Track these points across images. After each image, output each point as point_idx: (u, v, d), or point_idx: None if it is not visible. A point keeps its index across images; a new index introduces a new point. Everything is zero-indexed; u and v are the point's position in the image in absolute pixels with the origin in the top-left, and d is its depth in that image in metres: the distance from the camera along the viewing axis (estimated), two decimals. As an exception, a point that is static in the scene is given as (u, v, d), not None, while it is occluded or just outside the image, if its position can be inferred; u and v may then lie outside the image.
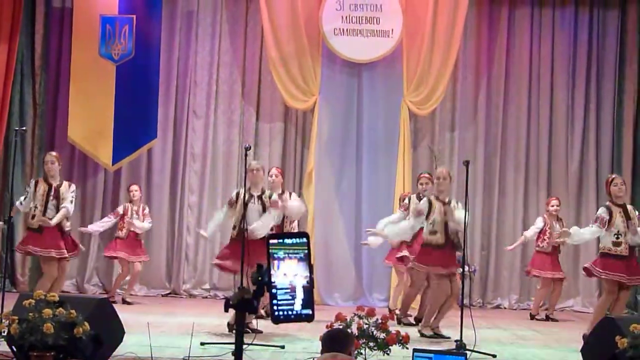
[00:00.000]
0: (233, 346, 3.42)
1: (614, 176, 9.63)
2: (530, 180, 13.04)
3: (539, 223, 11.64)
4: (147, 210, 11.86)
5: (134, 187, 11.83)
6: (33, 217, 9.40)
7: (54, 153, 9.82)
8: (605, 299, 9.06)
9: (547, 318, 11.45)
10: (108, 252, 11.73)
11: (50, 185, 9.44)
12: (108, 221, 11.70)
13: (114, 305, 7.42)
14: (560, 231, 10.37)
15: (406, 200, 10.29)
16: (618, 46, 13.00)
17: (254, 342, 7.13)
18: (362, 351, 6.84)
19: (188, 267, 12.89)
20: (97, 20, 12.34)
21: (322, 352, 4.56)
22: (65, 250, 9.41)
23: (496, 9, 13.14)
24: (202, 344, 7.62)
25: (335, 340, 4.59)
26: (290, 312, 3.23)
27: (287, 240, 3.26)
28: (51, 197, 9.45)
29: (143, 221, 11.66)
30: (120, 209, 11.71)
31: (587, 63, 13.07)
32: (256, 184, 9.03)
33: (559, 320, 11.42)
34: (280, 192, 9.88)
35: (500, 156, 13.03)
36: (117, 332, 6.85)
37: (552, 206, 11.63)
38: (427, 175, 10.43)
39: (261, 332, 8.27)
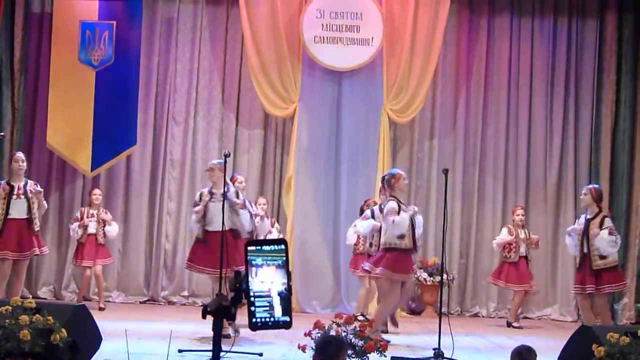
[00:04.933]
0: (211, 353, 3.42)
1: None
2: (509, 188, 13.08)
3: (503, 234, 11.67)
4: (108, 214, 11.79)
5: (98, 191, 11.85)
6: None
7: (22, 153, 10.28)
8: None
9: (508, 324, 11.50)
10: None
11: (12, 186, 9.66)
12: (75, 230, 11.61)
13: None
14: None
15: (367, 212, 10.12)
16: (596, 55, 13.06)
17: (231, 350, 7.12)
18: (340, 359, 6.84)
19: (166, 274, 12.85)
20: (76, 25, 12.30)
21: (314, 358, 4.60)
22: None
23: (476, 18, 13.19)
24: (180, 351, 7.61)
25: (328, 346, 4.61)
26: (268, 319, 3.23)
27: (265, 247, 3.27)
28: (15, 197, 9.66)
29: (104, 226, 11.62)
30: (77, 214, 11.66)
31: (566, 72, 13.13)
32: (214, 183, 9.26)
33: (525, 328, 11.46)
34: None
35: (479, 164, 13.08)
36: (94, 339, 6.82)
37: (518, 215, 11.74)
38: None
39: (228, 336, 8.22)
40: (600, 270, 9.55)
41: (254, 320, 3.22)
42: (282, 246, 3.29)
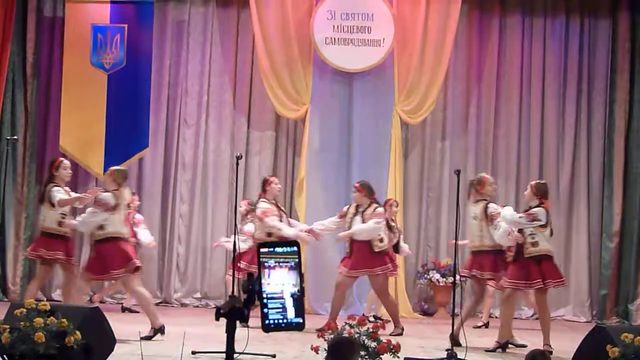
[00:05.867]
0: (224, 355, 3.42)
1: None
2: (521, 189, 13.01)
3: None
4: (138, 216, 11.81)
5: (135, 197, 11.86)
6: (60, 223, 9.39)
7: None
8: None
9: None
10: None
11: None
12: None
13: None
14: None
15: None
16: (609, 55, 13.02)
17: (244, 352, 7.12)
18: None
19: (179, 276, 12.86)
20: (88, 29, 12.34)
21: (325, 359, 4.60)
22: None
23: (487, 18, 13.16)
24: (193, 352, 7.62)
25: (340, 348, 4.62)
26: (281, 321, 3.24)
27: (278, 249, 3.27)
28: None
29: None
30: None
31: (578, 72, 13.09)
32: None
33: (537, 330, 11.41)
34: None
35: (491, 165, 13.05)
36: (108, 341, 6.84)
37: None
38: (357, 185, 10.42)
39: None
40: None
41: (267, 321, 3.22)
42: (295, 248, 3.30)
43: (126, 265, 8.84)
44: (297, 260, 3.28)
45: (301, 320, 3.27)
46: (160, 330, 8.80)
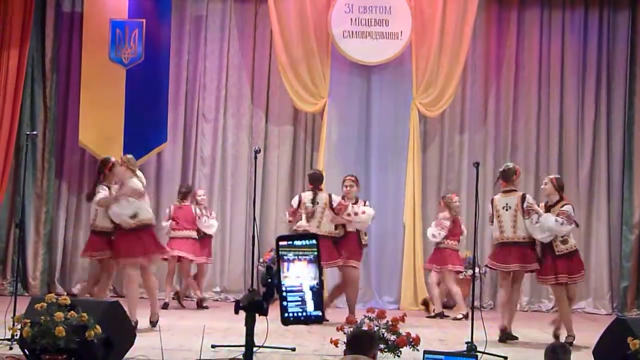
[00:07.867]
0: (244, 348, 3.43)
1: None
2: (540, 182, 12.96)
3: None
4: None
5: (202, 191, 12.04)
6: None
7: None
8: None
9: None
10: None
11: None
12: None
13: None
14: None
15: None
16: (628, 47, 12.95)
17: (264, 345, 7.14)
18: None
19: (198, 270, 12.88)
20: (107, 24, 12.38)
21: (345, 353, 4.60)
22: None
23: (505, 11, 13.11)
24: (213, 346, 7.64)
25: (359, 341, 4.61)
26: (300, 314, 3.24)
27: (297, 242, 3.27)
28: None
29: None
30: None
31: (597, 65, 13.02)
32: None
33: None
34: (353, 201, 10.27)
35: (510, 158, 12.99)
36: (128, 335, 6.87)
37: (455, 202, 11.61)
38: (351, 177, 10.46)
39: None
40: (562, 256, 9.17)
41: (286, 314, 3.22)
42: (314, 241, 3.30)
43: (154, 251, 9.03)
44: (316, 253, 3.27)
45: (320, 314, 3.27)
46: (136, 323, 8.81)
